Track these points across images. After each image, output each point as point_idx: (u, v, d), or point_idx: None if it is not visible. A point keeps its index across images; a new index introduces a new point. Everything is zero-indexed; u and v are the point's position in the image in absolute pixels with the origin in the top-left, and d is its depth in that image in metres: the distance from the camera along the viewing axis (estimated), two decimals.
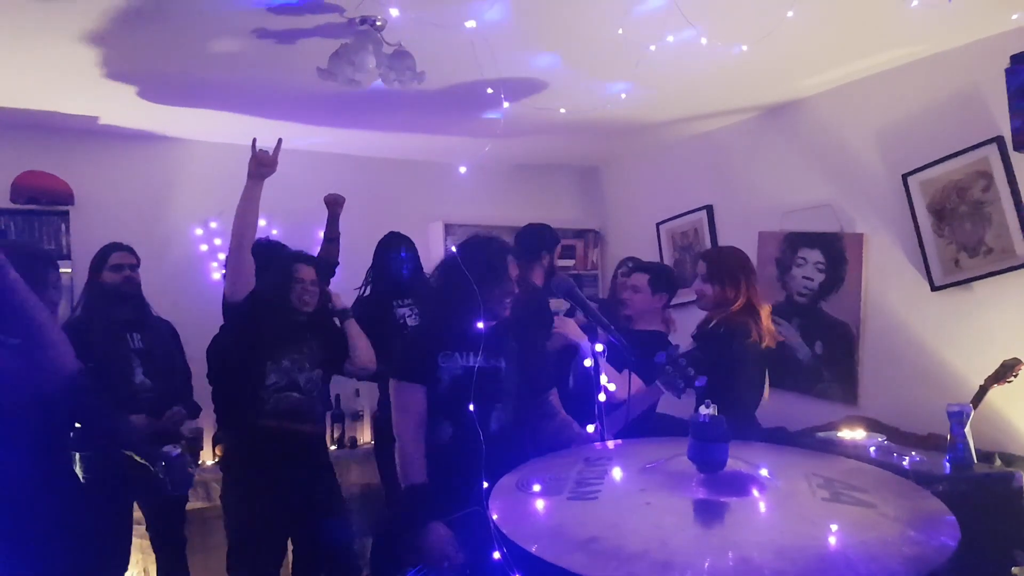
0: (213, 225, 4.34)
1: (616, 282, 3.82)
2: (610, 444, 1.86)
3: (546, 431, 2.37)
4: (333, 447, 4.12)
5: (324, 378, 3.08)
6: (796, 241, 3.92)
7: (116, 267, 3.19)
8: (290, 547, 3.07)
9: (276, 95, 3.52)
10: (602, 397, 1.96)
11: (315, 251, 3.66)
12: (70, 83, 3.23)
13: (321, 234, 4.67)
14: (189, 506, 3.42)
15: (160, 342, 3.27)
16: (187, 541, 3.35)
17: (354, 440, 4.32)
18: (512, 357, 2.31)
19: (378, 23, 2.58)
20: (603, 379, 1.99)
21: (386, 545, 3.10)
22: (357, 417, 4.39)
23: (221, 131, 4.21)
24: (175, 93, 3.48)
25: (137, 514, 3.16)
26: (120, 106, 3.60)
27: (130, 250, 3.28)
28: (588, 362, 2.02)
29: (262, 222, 4.43)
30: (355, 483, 3.98)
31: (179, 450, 2.36)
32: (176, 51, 2.91)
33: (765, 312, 2.77)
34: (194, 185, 4.35)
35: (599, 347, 2.01)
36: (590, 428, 2.00)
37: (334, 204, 3.74)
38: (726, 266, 2.84)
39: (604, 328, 2.01)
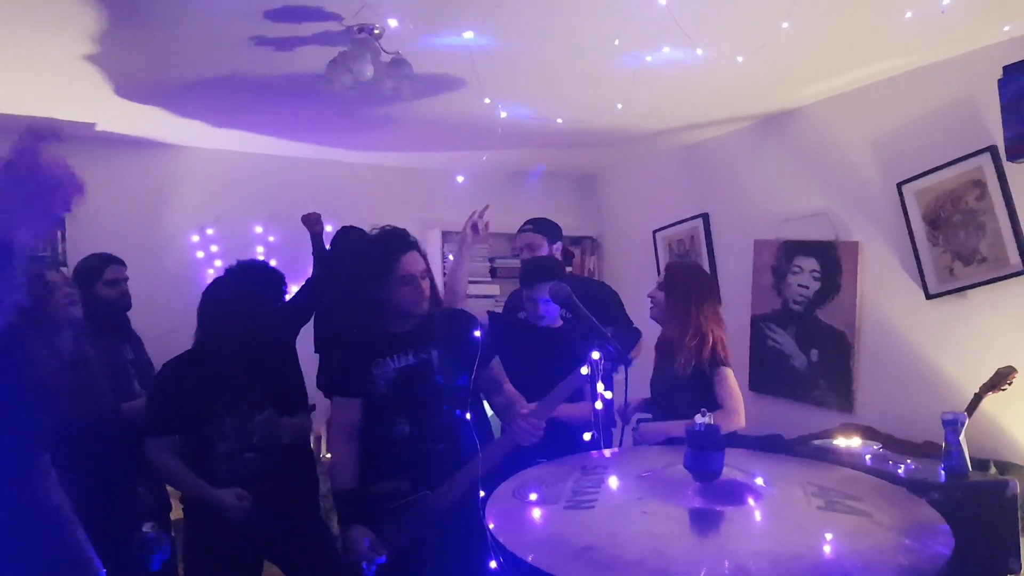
0: (210, 232, 4.35)
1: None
2: (607, 453, 1.86)
3: (496, 407, 2.48)
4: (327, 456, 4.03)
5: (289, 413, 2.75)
6: (792, 249, 3.93)
7: (112, 282, 3.14)
8: None
9: (274, 102, 3.53)
10: (599, 405, 1.96)
11: (308, 258, 3.63)
12: (67, 90, 3.24)
13: None
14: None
15: (142, 351, 3.28)
16: None
17: None
18: (441, 344, 2.36)
19: (376, 31, 2.59)
20: (599, 387, 1.99)
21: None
22: None
23: (218, 138, 4.21)
24: (172, 100, 3.49)
25: None
26: (117, 113, 3.61)
27: (123, 263, 3.26)
28: (585, 369, 2.02)
29: (259, 229, 4.49)
30: None
31: (155, 532, 2.30)
32: (174, 58, 2.92)
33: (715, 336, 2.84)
34: (191, 192, 4.36)
35: (595, 355, 2.01)
36: (587, 436, 2.00)
37: (311, 224, 3.60)
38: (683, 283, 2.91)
39: (600, 336, 2.01)
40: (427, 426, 2.29)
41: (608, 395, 2.02)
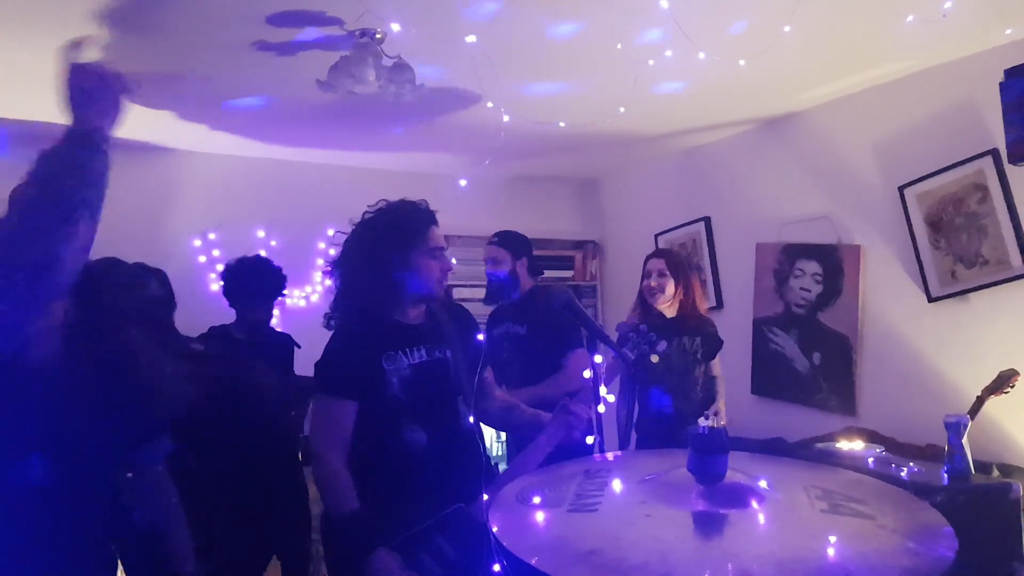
0: (212, 236, 4.35)
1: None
2: (609, 456, 1.86)
3: (491, 414, 2.29)
4: None
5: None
6: (794, 253, 3.93)
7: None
8: None
9: (276, 107, 3.54)
10: (601, 408, 1.96)
11: (311, 263, 3.61)
12: None
13: (320, 245, 4.68)
14: None
15: None
16: None
17: None
18: (452, 341, 2.14)
19: (378, 36, 2.60)
20: (602, 390, 1.99)
21: None
22: None
23: (221, 143, 4.22)
24: (175, 105, 3.49)
25: None
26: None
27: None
28: (587, 373, 2.02)
29: (261, 233, 4.49)
30: None
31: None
32: (176, 63, 2.92)
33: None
34: (193, 196, 4.36)
35: (598, 358, 2.01)
36: (589, 440, 2.00)
37: None
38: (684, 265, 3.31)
39: (603, 340, 2.01)
40: (444, 435, 2.02)
41: (611, 398, 2.02)
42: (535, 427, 2.14)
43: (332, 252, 4.52)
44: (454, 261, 2.21)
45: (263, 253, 4.43)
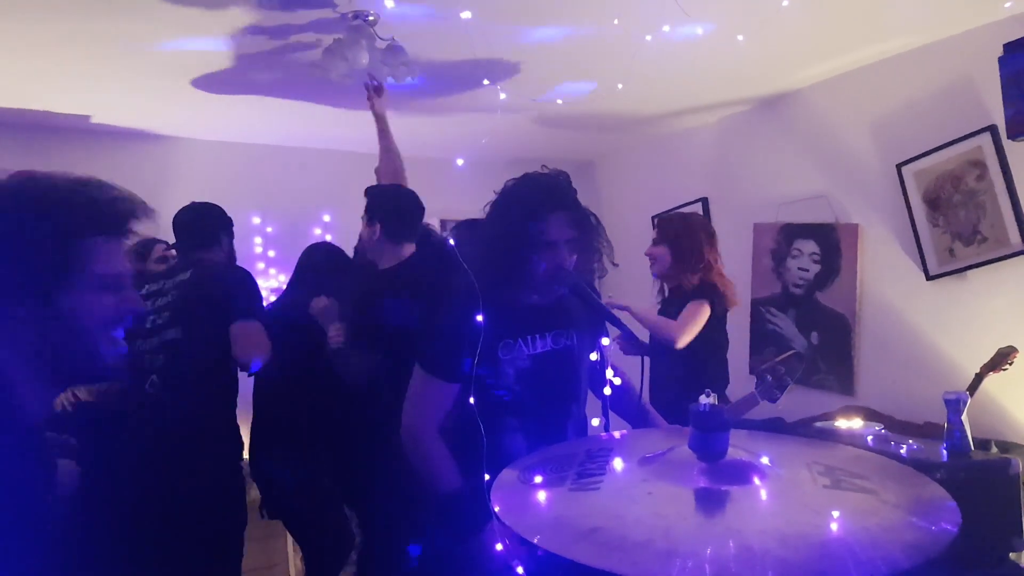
0: None
1: None
2: (616, 435, 1.86)
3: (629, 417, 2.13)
4: None
5: None
6: (791, 232, 3.93)
7: (162, 259, 3.24)
8: None
9: (270, 91, 3.51)
10: (607, 391, 1.95)
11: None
12: (60, 83, 3.21)
13: (316, 231, 4.65)
14: None
15: None
16: None
17: None
18: (581, 323, 1.93)
19: (371, 18, 2.58)
20: (608, 373, 1.98)
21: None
22: None
23: (215, 128, 4.19)
24: (167, 91, 3.46)
25: None
26: (111, 104, 3.59)
27: (164, 241, 3.29)
28: (594, 356, 2.00)
29: (256, 219, 4.47)
30: None
31: None
32: (168, 48, 2.89)
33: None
34: (186, 183, 4.32)
35: (606, 341, 2.00)
36: (595, 422, 1.99)
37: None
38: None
39: (612, 322, 1.98)
40: (548, 439, 1.80)
41: (617, 381, 2.01)
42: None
43: (328, 238, 4.51)
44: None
45: (258, 240, 4.43)
